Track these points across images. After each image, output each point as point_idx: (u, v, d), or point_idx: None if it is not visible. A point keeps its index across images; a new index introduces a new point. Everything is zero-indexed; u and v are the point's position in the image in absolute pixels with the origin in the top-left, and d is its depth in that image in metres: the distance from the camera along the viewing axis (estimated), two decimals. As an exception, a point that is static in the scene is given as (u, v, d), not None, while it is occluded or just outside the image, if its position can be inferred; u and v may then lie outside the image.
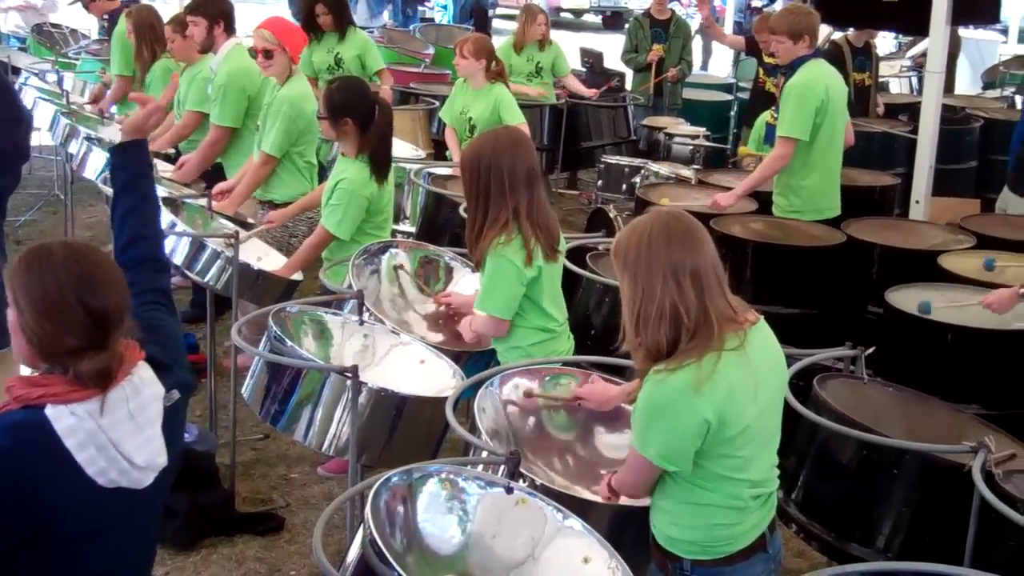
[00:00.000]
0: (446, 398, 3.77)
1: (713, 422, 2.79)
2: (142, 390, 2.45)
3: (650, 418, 2.85)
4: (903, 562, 3.61)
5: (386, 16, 16.44)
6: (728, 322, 2.85)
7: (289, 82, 6.15)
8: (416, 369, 4.35)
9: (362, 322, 4.48)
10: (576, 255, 5.39)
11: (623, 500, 3.22)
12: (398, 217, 6.97)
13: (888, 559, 3.72)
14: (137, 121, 3.11)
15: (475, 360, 4.58)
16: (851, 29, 9.28)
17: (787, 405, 3.21)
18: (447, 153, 7.89)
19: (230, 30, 6.73)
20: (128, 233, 2.92)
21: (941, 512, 3.74)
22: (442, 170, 7.24)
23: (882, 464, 3.82)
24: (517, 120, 7.19)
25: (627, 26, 11.38)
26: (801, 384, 4.11)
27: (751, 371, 2.85)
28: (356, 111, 5.27)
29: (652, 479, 2.97)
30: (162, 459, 2.50)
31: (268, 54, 6.06)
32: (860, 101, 9.15)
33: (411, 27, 15.31)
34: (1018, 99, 10.54)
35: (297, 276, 5.56)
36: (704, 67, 18.92)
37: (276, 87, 6.17)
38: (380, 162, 5.34)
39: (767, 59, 9.35)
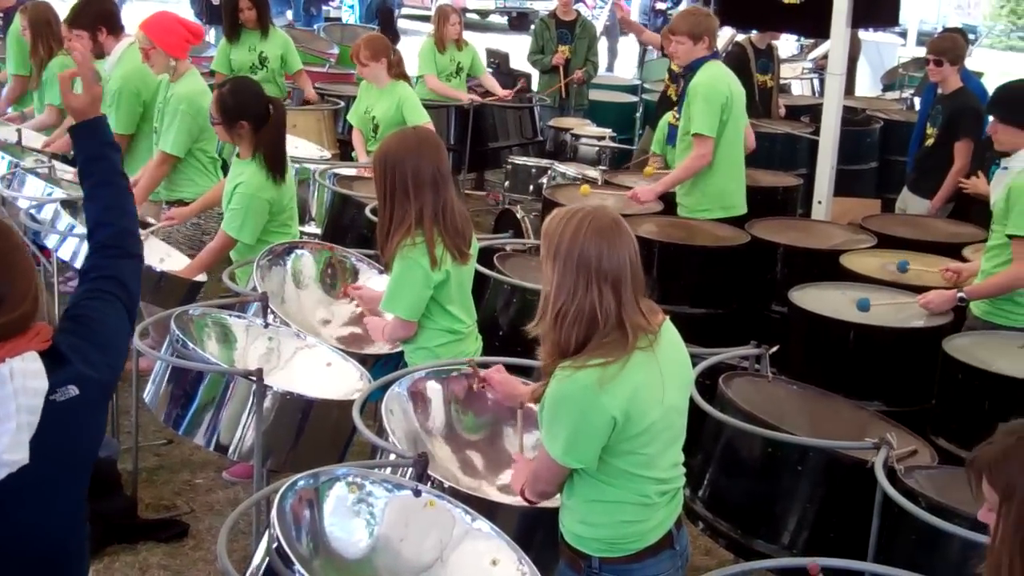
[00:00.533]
0: (353, 401, 3.74)
1: (619, 419, 2.80)
2: (8, 381, 2.33)
3: (557, 413, 2.86)
4: (808, 558, 3.65)
5: (289, 15, 16.29)
6: (641, 330, 2.87)
7: (183, 79, 6.04)
8: (322, 372, 4.31)
9: (267, 324, 4.43)
10: (484, 256, 5.36)
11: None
12: (304, 218, 6.90)
13: (793, 555, 3.76)
14: (77, 102, 2.94)
15: (383, 362, 4.56)
16: (754, 31, 9.39)
17: (693, 404, 3.24)
18: (352, 153, 7.83)
19: (115, 31, 6.57)
20: (91, 218, 2.81)
21: (845, 508, 3.79)
22: (348, 171, 7.18)
23: (787, 461, 3.86)
24: (421, 119, 7.16)
25: (533, 27, 11.41)
26: (707, 383, 4.15)
27: (658, 370, 2.87)
28: (250, 113, 5.18)
29: (561, 477, 2.97)
30: (15, 456, 2.32)
31: (145, 53, 5.99)
32: (763, 103, 9.27)
33: (315, 26, 15.18)
34: (916, 101, 10.74)
35: (201, 277, 5.47)
36: (610, 68, 19.03)
37: (169, 85, 6.06)
38: (275, 162, 5.23)
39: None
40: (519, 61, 11.86)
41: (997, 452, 2.07)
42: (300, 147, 7.67)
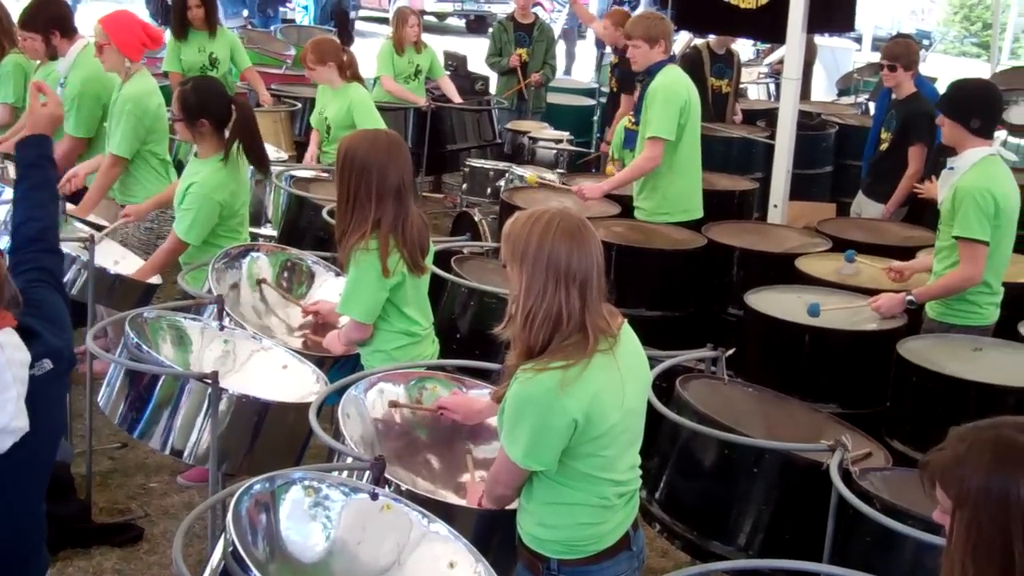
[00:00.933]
0: (309, 404, 3.72)
1: (580, 421, 2.81)
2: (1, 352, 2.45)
3: (518, 414, 2.85)
4: (764, 559, 3.68)
5: (245, 15, 16.20)
6: (602, 332, 2.88)
7: (132, 79, 5.97)
8: (278, 374, 4.29)
9: (222, 327, 4.40)
10: (441, 259, 5.37)
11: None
12: (260, 220, 6.86)
13: (749, 557, 3.78)
14: (40, 118, 3.23)
15: (339, 365, 4.54)
16: (711, 36, 9.44)
17: (650, 406, 3.25)
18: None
19: (68, 33, 6.49)
20: (19, 215, 3.04)
21: (800, 509, 3.82)
22: (305, 172, 7.15)
23: (743, 463, 3.88)
24: (372, 124, 7.13)
25: (491, 30, 11.41)
26: (663, 385, 4.16)
27: (618, 373, 2.88)
28: (212, 111, 5.15)
29: (520, 480, 2.97)
30: (20, 423, 2.48)
31: (99, 48, 5.93)
32: (717, 108, 9.32)
33: (272, 28, 15.11)
34: (871, 106, 10.83)
35: (156, 280, 5.42)
36: (567, 72, 19.07)
37: (119, 85, 6.01)
38: (257, 159, 5.24)
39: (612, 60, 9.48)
40: (477, 64, 11.85)
41: (949, 458, 2.07)
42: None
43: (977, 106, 4.97)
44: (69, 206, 5.82)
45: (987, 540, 1.99)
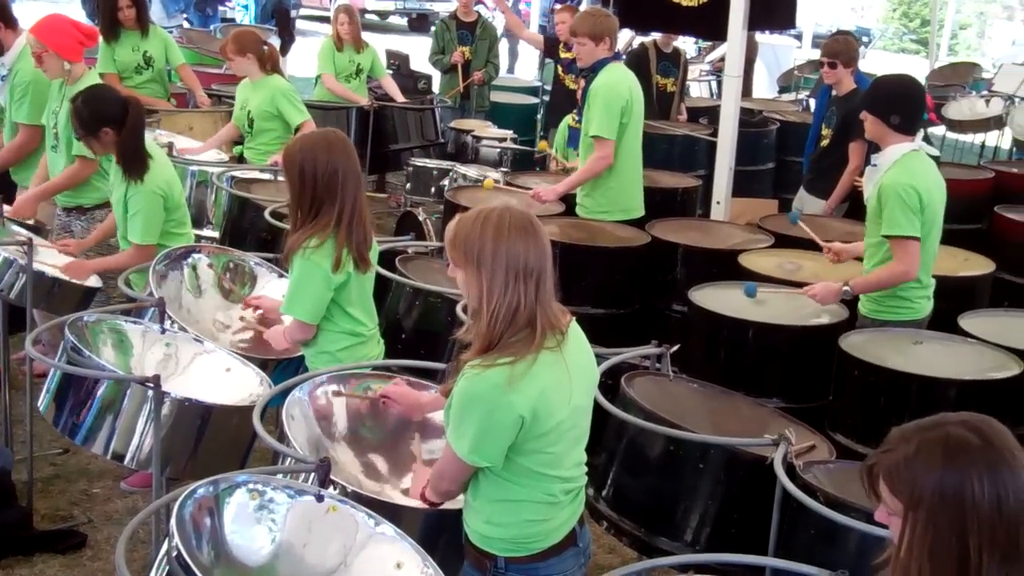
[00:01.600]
0: (253, 406, 3.69)
1: (527, 417, 2.80)
2: None
3: (464, 412, 2.84)
4: (710, 554, 3.70)
5: (183, 17, 16.06)
6: (551, 327, 2.88)
7: (82, 80, 5.91)
8: (222, 377, 4.25)
9: (164, 330, 4.35)
10: (386, 258, 5.35)
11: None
12: (202, 222, 6.80)
13: (696, 551, 3.80)
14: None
15: (283, 367, 4.51)
16: (653, 33, 9.48)
17: (596, 403, 3.25)
18: (235, 149, 7.70)
19: (11, 24, 6.44)
20: None
21: (746, 504, 3.84)
22: (246, 173, 7.09)
23: (688, 459, 3.90)
24: (298, 115, 7.10)
25: (433, 28, 11.39)
26: (609, 382, 4.17)
27: (566, 370, 2.88)
28: (110, 118, 5.08)
29: (466, 476, 2.96)
30: None
31: (38, 58, 5.88)
32: (662, 106, 9.36)
33: (211, 27, 14.99)
34: (812, 102, 10.94)
35: (95, 283, 5.36)
36: (511, 70, 19.09)
37: (65, 88, 5.93)
38: (129, 162, 5.12)
39: (564, 54, 9.46)
40: (420, 62, 11.84)
41: (898, 459, 2.04)
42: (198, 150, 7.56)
43: (898, 103, 5.00)
44: (6, 208, 5.74)
45: (944, 541, 1.97)
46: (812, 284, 5.14)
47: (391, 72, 11.37)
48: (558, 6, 10.70)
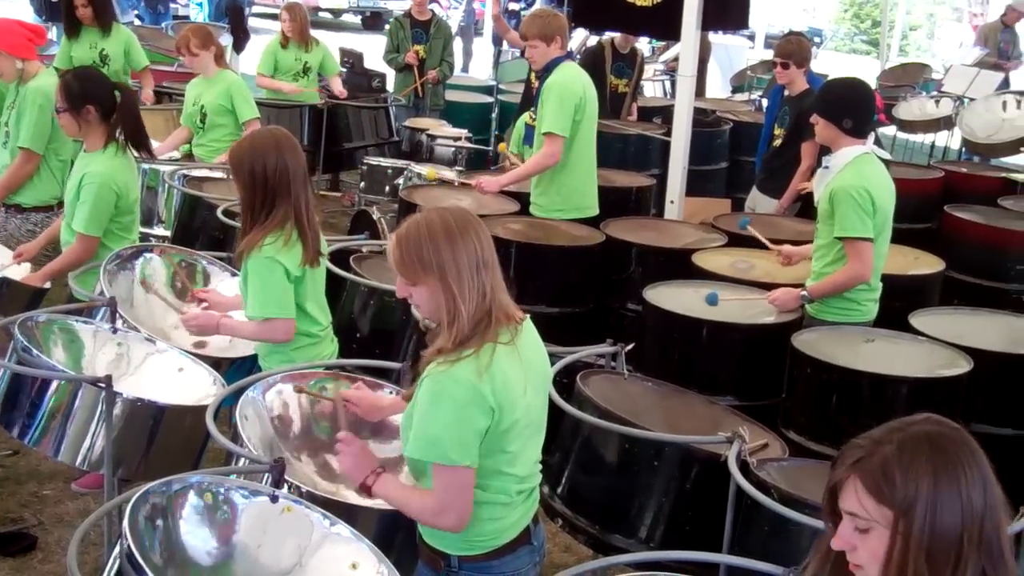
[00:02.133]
0: (206, 406, 3.66)
1: (496, 409, 2.79)
2: None
3: (438, 411, 2.78)
4: (665, 551, 3.71)
5: (134, 14, 15.91)
6: (507, 317, 2.88)
7: (37, 77, 5.89)
8: (174, 377, 4.22)
9: (115, 330, 4.31)
10: (340, 258, 5.33)
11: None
12: (153, 221, 6.75)
13: (651, 549, 3.81)
14: None
15: (236, 367, 4.48)
16: (612, 33, 9.51)
17: (551, 402, 3.25)
18: (182, 148, 7.65)
19: None
20: None
21: (700, 501, 3.86)
22: (198, 171, 7.04)
23: (643, 457, 3.91)
24: (250, 112, 7.11)
25: (387, 27, 11.36)
26: (564, 381, 4.18)
27: (520, 367, 2.87)
28: (96, 97, 5.05)
29: (470, 486, 2.87)
30: None
31: None
32: (614, 106, 9.39)
33: (163, 24, 14.87)
34: (764, 102, 11.01)
35: (44, 284, 5.30)
36: (465, 69, 19.09)
37: (18, 87, 5.87)
38: (138, 144, 5.16)
39: None
40: (374, 61, 11.80)
41: (880, 465, 1.93)
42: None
43: (850, 106, 5.03)
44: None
45: (943, 541, 1.90)
46: (773, 291, 5.17)
47: (345, 70, 11.32)
48: (515, 5, 10.70)
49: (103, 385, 3.65)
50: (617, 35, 9.54)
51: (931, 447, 1.93)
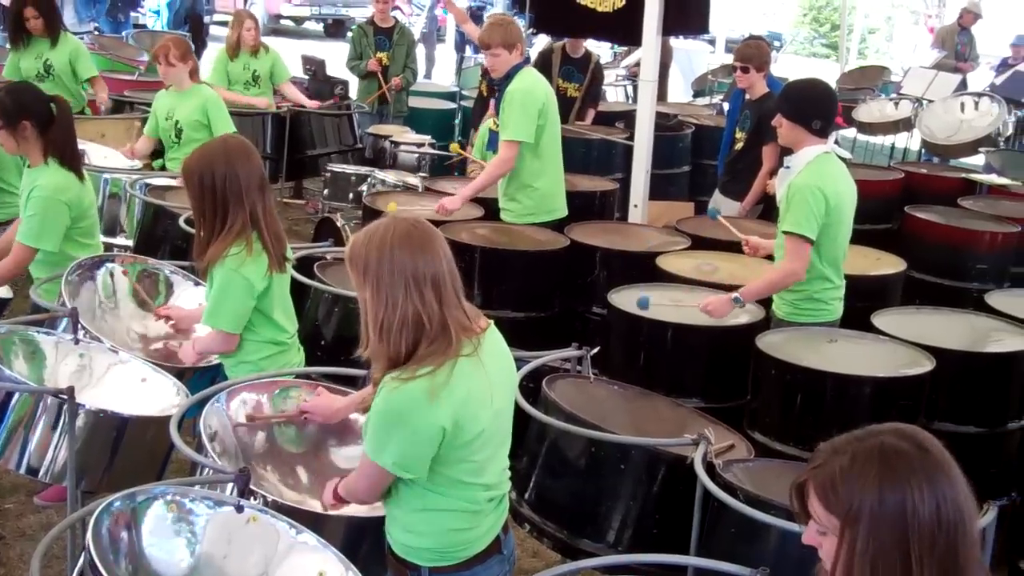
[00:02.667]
0: (170, 417, 3.64)
1: (449, 428, 2.78)
2: None
3: (386, 426, 2.81)
4: (633, 554, 3.72)
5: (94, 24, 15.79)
6: (464, 331, 2.85)
7: None
8: (137, 388, 4.18)
9: (77, 341, 4.27)
10: (304, 265, 5.31)
11: (356, 510, 3.19)
12: (115, 230, 6.70)
13: (619, 552, 3.82)
14: None
15: (200, 376, 4.45)
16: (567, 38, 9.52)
17: (517, 407, 3.25)
18: (155, 163, 7.61)
19: None
20: None
21: (667, 503, 3.87)
22: (160, 181, 6.99)
23: (610, 460, 3.92)
24: (226, 126, 7.04)
25: (350, 34, 11.32)
26: (531, 386, 4.18)
27: (485, 376, 2.86)
28: (32, 111, 4.98)
29: (383, 485, 2.94)
30: None
31: None
32: (563, 110, 9.38)
33: (124, 33, 14.77)
34: (726, 106, 11.07)
35: (6, 294, 5.25)
36: (427, 75, 19.08)
37: None
38: (71, 160, 5.05)
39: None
40: (336, 68, 11.76)
41: (832, 473, 1.96)
42: (110, 157, 7.44)
43: (820, 107, 5.05)
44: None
45: (886, 554, 1.91)
46: (707, 298, 5.15)
47: (308, 78, 11.28)
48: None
49: (65, 397, 3.62)
50: (568, 40, 9.54)
51: (881, 462, 1.94)
